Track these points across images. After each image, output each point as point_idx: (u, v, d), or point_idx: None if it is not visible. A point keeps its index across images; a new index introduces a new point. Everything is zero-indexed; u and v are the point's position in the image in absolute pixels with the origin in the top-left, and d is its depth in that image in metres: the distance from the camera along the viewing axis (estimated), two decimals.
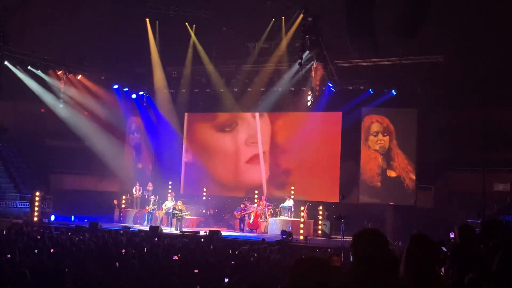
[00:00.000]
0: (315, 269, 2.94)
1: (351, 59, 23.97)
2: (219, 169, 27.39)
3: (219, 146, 27.52)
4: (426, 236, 3.79)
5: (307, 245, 18.70)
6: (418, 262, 3.60)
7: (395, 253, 4.01)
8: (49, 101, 26.48)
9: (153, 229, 19.75)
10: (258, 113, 26.78)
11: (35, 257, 10.32)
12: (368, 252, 3.28)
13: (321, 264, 2.97)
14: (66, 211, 24.99)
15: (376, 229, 3.43)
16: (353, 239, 3.41)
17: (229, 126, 27.52)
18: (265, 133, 26.64)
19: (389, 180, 24.03)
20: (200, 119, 28.41)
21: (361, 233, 3.41)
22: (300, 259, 3.05)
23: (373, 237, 3.35)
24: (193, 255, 11.99)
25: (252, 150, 26.83)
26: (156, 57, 26.81)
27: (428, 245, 3.73)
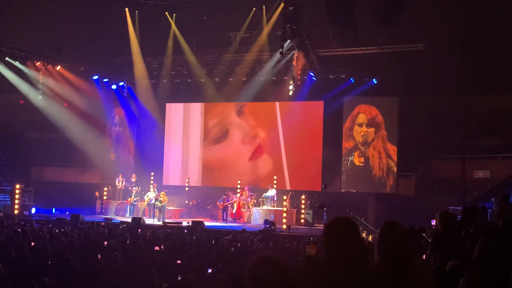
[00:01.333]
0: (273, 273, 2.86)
1: (332, 48, 23.99)
2: (202, 158, 27.34)
3: (201, 135, 27.46)
4: (396, 223, 3.80)
5: (290, 234, 18.76)
6: (390, 250, 3.60)
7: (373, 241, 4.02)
8: (28, 93, 26.14)
9: (135, 221, 19.65)
10: (240, 103, 26.74)
11: (15, 250, 10.20)
12: (338, 241, 3.28)
13: (277, 266, 2.90)
14: (47, 204, 24.80)
15: (347, 217, 3.42)
16: (324, 228, 3.40)
17: (215, 117, 27.44)
18: (247, 123, 26.60)
19: (370, 168, 24.18)
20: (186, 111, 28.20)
21: (331, 222, 3.41)
22: (255, 262, 2.94)
23: (343, 225, 3.35)
24: (176, 246, 11.97)
25: (237, 141, 26.81)
26: (136, 47, 26.56)
27: (399, 232, 3.73)
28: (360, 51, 23.62)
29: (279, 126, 25.82)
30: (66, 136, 27.25)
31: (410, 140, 23.49)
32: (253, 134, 26.42)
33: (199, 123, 27.62)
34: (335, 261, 3.23)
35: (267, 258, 2.93)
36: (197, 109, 27.85)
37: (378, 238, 3.76)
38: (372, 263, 3.65)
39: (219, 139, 27.11)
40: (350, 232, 3.29)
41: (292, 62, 23.99)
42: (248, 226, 20.01)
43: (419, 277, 3.59)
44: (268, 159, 25.91)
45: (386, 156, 23.92)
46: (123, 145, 28.87)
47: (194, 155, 27.53)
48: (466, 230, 6.53)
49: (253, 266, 2.92)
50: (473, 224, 7.06)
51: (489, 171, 22.85)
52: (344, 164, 24.58)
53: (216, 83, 26.76)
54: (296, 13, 20.64)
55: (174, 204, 24.90)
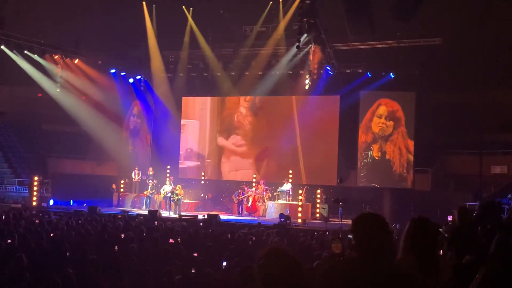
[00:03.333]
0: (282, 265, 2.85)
1: (349, 42, 23.87)
2: (218, 152, 27.43)
3: (218, 129, 27.55)
4: (427, 220, 3.81)
5: (305, 228, 18.77)
6: (420, 245, 3.62)
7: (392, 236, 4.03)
8: (46, 86, 26.40)
9: (152, 213, 19.79)
10: (256, 97, 26.77)
11: (34, 241, 10.35)
12: (368, 237, 3.27)
13: (286, 258, 2.89)
14: (64, 196, 25.06)
15: (375, 213, 3.41)
16: (353, 224, 3.38)
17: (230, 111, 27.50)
18: (264, 118, 26.61)
19: (383, 163, 24.05)
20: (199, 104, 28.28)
21: (360, 217, 3.39)
22: (265, 254, 2.91)
23: (373, 221, 3.33)
24: (192, 238, 12.05)
25: (253, 135, 26.86)
26: (153, 41, 26.64)
27: (429, 228, 3.74)
28: (377, 45, 23.49)
29: (295, 120, 25.79)
30: (83, 129, 27.50)
31: (427, 135, 23.36)
32: (269, 128, 26.40)
33: (215, 117, 27.69)
34: (365, 256, 3.22)
35: (277, 250, 2.93)
36: (213, 103, 27.92)
37: (408, 233, 3.76)
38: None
39: (235, 133, 27.15)
40: (380, 227, 3.28)
41: (309, 56, 23.89)
42: (263, 220, 20.06)
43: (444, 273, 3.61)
44: (284, 153, 25.87)
45: (406, 152, 23.74)
46: (140, 138, 29.06)
47: (210, 148, 27.63)
48: (482, 225, 6.50)
49: (263, 258, 2.92)
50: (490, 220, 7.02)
51: (507, 167, 22.69)
52: (363, 159, 24.44)
53: (232, 77, 26.79)
54: (313, 6, 20.56)
55: (189, 197, 25.02)
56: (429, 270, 3.56)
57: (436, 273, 3.55)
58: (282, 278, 2.84)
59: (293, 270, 2.86)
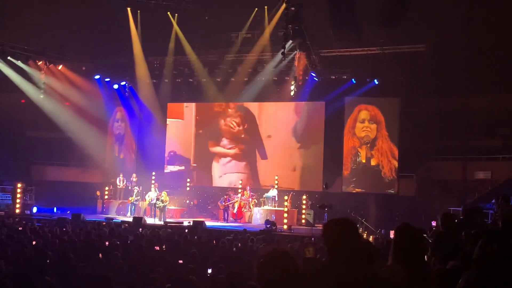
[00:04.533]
0: (281, 265, 2.87)
1: (334, 49, 24.00)
2: (203, 158, 27.35)
3: (202, 136, 27.49)
4: (411, 226, 3.82)
5: (291, 234, 18.77)
6: (406, 252, 3.63)
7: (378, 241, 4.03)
8: (30, 92, 26.21)
9: (136, 220, 19.67)
10: (241, 104, 26.79)
11: (16, 249, 10.22)
12: (338, 241, 3.28)
13: (285, 258, 2.90)
14: (48, 203, 24.81)
15: (346, 218, 3.42)
16: (323, 229, 3.40)
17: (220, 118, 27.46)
18: (249, 124, 26.61)
19: (372, 169, 24.17)
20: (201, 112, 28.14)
21: (330, 222, 3.41)
22: (264, 256, 2.94)
23: (343, 226, 3.35)
24: (177, 245, 11.98)
25: (238, 141, 26.82)
26: (138, 47, 26.57)
27: (413, 235, 3.75)
28: (362, 52, 23.63)
29: (280, 126, 25.84)
30: (67, 135, 27.29)
31: (411, 141, 23.49)
32: (255, 134, 26.41)
33: (200, 123, 27.63)
34: (334, 261, 3.23)
35: (276, 251, 2.94)
36: (198, 109, 27.86)
37: (394, 240, 3.78)
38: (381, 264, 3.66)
39: (220, 139, 27.11)
40: (349, 232, 3.29)
41: (294, 63, 23.98)
42: (249, 226, 20.03)
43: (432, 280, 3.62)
44: (270, 159, 25.92)
45: (392, 156, 23.89)
46: (125, 144, 28.90)
47: (195, 155, 27.53)
48: (466, 231, 6.54)
49: (262, 258, 2.93)
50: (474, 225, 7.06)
51: (490, 172, 22.83)
52: (352, 164, 24.49)
53: (217, 83, 26.77)
54: (298, 13, 20.60)
55: (175, 204, 24.92)
56: (418, 277, 3.57)
57: (425, 280, 3.56)
58: (279, 278, 2.84)
59: (290, 271, 2.86)
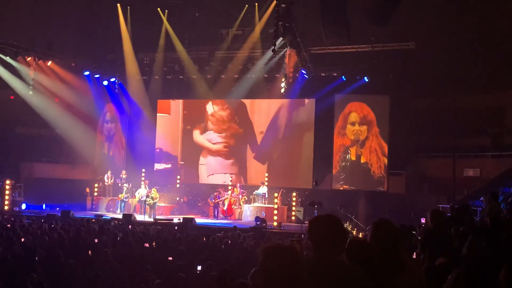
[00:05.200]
0: (288, 260, 2.85)
1: (324, 46, 23.98)
2: (191, 156, 27.30)
3: (192, 134, 27.42)
4: (387, 222, 3.84)
5: (281, 231, 18.79)
6: (382, 247, 3.64)
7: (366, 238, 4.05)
8: (19, 88, 26.01)
9: (126, 217, 19.61)
10: (231, 100, 26.77)
11: (5, 246, 10.16)
12: (322, 237, 3.29)
13: (291, 253, 2.89)
14: (37, 200, 24.70)
15: (330, 214, 3.44)
16: (309, 226, 3.41)
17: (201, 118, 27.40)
18: (239, 120, 26.59)
19: (361, 167, 24.24)
20: (188, 108, 28.07)
21: (315, 218, 3.42)
22: (269, 250, 2.91)
23: (327, 222, 3.36)
24: (167, 242, 11.97)
25: (228, 137, 26.80)
26: (128, 43, 26.42)
27: (390, 231, 3.77)
28: (352, 49, 23.64)
29: (270, 123, 25.86)
30: (56, 132, 27.14)
31: (401, 138, 23.57)
32: (244, 131, 26.41)
33: (190, 120, 27.57)
34: (320, 256, 3.25)
35: (279, 246, 2.93)
36: (188, 105, 27.80)
37: (370, 236, 3.79)
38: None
39: (210, 136, 27.07)
40: (334, 227, 3.31)
41: (284, 60, 23.96)
42: (239, 223, 20.02)
43: (410, 275, 3.63)
44: (260, 157, 25.93)
45: (382, 154, 23.98)
46: (115, 141, 28.78)
47: (185, 152, 27.47)
48: (455, 228, 6.58)
49: (264, 253, 2.91)
50: (463, 223, 7.10)
51: (479, 170, 22.99)
52: (341, 161, 24.55)
53: (208, 80, 26.72)
54: (288, 10, 20.58)
55: (165, 201, 24.87)
56: (394, 271, 3.58)
57: (401, 275, 3.56)
58: (281, 273, 2.82)
59: (293, 265, 2.85)
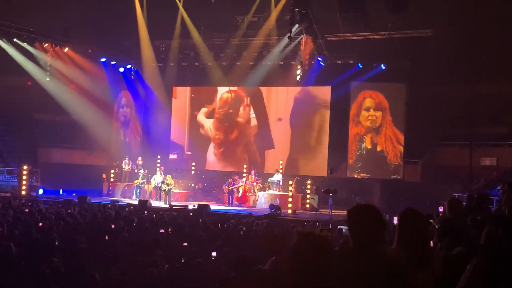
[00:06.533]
0: (320, 249, 2.86)
1: (341, 33, 23.82)
2: (208, 144, 27.37)
3: (208, 119, 27.47)
4: (415, 210, 3.82)
5: (295, 219, 18.81)
6: (409, 237, 3.63)
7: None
8: (36, 74, 26.22)
9: (142, 203, 19.74)
10: (245, 88, 26.72)
11: (23, 230, 10.29)
12: (364, 228, 3.28)
13: (322, 240, 2.90)
14: (54, 185, 24.93)
15: (369, 204, 3.42)
16: (348, 215, 3.39)
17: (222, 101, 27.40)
18: (253, 108, 26.56)
19: (377, 155, 24.13)
20: (197, 93, 28.14)
21: (354, 208, 3.41)
22: (302, 237, 2.92)
23: (368, 212, 3.35)
24: (182, 228, 12.04)
25: (243, 125, 26.80)
26: (144, 30, 26.46)
27: (418, 220, 3.76)
28: (369, 37, 23.46)
29: (286, 111, 25.79)
30: (73, 118, 27.36)
31: (417, 126, 23.41)
32: (260, 119, 26.38)
33: (206, 106, 27.59)
34: (361, 247, 3.23)
35: (309, 233, 2.93)
36: (203, 92, 27.82)
37: (398, 224, 3.78)
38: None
39: (225, 123, 27.10)
40: (375, 217, 3.30)
41: (300, 47, 23.86)
42: (253, 210, 20.07)
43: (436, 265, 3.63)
44: (275, 144, 25.91)
45: (397, 142, 23.84)
46: (130, 128, 28.95)
47: (200, 139, 27.54)
48: (472, 217, 6.53)
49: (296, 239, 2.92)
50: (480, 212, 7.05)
51: (496, 159, 22.79)
52: (357, 150, 24.46)
53: (223, 67, 26.70)
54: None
55: (180, 187, 24.98)
56: (421, 262, 3.57)
57: (428, 265, 3.57)
58: (312, 260, 2.83)
59: (323, 252, 2.86)
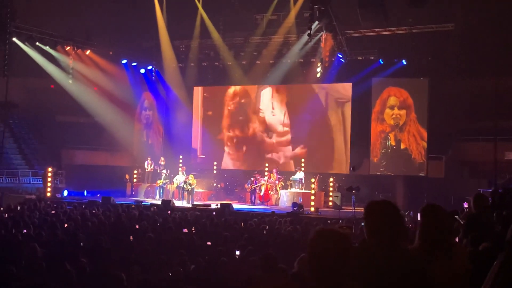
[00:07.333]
0: (335, 245, 2.84)
1: (361, 29, 23.65)
2: (229, 143, 27.42)
3: (228, 119, 27.51)
4: (439, 207, 3.79)
5: (318, 217, 18.76)
6: (431, 233, 3.60)
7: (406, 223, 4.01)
8: (58, 77, 26.54)
9: (165, 203, 19.87)
10: (267, 86, 26.70)
11: (49, 231, 10.42)
12: (380, 223, 3.27)
13: (341, 237, 2.88)
14: (78, 186, 25.23)
15: (385, 199, 3.41)
16: (365, 211, 3.38)
17: (238, 100, 27.43)
18: (275, 106, 26.52)
19: (401, 152, 23.89)
20: (209, 92, 28.29)
21: (371, 203, 3.40)
22: (318, 233, 2.92)
23: (385, 206, 3.33)
24: (205, 228, 12.09)
25: (263, 124, 26.79)
26: (164, 31, 26.60)
27: (440, 216, 3.73)
28: (389, 32, 23.26)
29: (306, 109, 25.70)
30: (96, 120, 27.64)
31: (440, 122, 23.17)
32: (281, 117, 26.35)
33: (226, 106, 27.65)
34: (379, 241, 3.22)
35: (329, 230, 2.93)
36: (224, 92, 27.87)
37: (421, 221, 3.75)
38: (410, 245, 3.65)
39: (246, 122, 27.12)
40: (392, 212, 3.28)
41: (320, 44, 23.76)
42: (276, 209, 20.06)
43: (458, 259, 3.59)
44: (296, 142, 25.86)
45: (420, 138, 23.59)
46: (153, 129, 29.15)
47: (221, 138, 27.61)
48: (498, 212, 6.45)
49: (314, 235, 2.92)
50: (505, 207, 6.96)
51: None
52: (382, 148, 24.23)
53: (243, 66, 26.73)
54: None
55: (202, 187, 25.07)
56: (443, 258, 3.54)
57: (449, 260, 3.53)
58: (327, 256, 2.83)
59: (339, 248, 2.85)
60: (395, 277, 3.13)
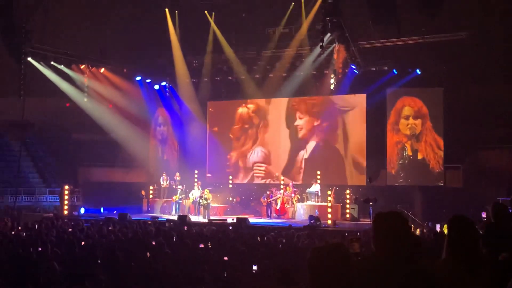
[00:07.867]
0: (332, 259, 2.84)
1: (374, 40, 23.64)
2: (244, 156, 27.41)
3: (242, 133, 27.53)
4: (463, 217, 3.72)
5: (335, 229, 18.63)
6: (459, 244, 3.54)
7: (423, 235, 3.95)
8: (74, 95, 26.79)
9: (181, 218, 19.86)
10: (280, 99, 26.70)
11: (67, 249, 10.45)
12: (387, 235, 3.21)
13: (337, 252, 2.87)
14: (95, 204, 25.35)
15: (395, 211, 3.35)
16: (373, 223, 3.33)
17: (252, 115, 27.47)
18: (289, 119, 26.50)
19: (419, 163, 23.70)
20: (223, 107, 28.37)
21: (377, 215, 3.34)
22: (314, 249, 2.94)
23: (392, 219, 3.27)
24: (222, 243, 12.04)
25: (277, 137, 26.77)
26: (177, 47, 26.79)
27: (470, 226, 3.66)
28: (402, 42, 23.20)
29: (321, 121, 25.64)
30: (111, 137, 27.81)
31: (456, 130, 22.98)
32: (296, 130, 26.29)
33: (240, 120, 27.68)
34: (386, 258, 3.16)
35: (323, 245, 2.92)
36: (238, 106, 27.90)
37: (450, 232, 3.69)
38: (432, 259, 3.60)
39: (261, 135, 27.11)
40: (398, 224, 3.22)
41: (333, 56, 23.77)
42: (293, 222, 19.97)
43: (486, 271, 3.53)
44: (312, 154, 25.77)
45: (437, 148, 23.41)
46: (168, 145, 29.25)
47: (236, 152, 27.61)
48: None
49: (315, 250, 2.93)
50: None
51: None
52: (399, 159, 24.05)
53: (256, 80, 26.78)
54: (336, 5, 20.42)
55: (218, 201, 25.04)
56: (474, 269, 3.48)
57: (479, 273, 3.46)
58: (329, 269, 2.83)
59: (339, 263, 2.85)
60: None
